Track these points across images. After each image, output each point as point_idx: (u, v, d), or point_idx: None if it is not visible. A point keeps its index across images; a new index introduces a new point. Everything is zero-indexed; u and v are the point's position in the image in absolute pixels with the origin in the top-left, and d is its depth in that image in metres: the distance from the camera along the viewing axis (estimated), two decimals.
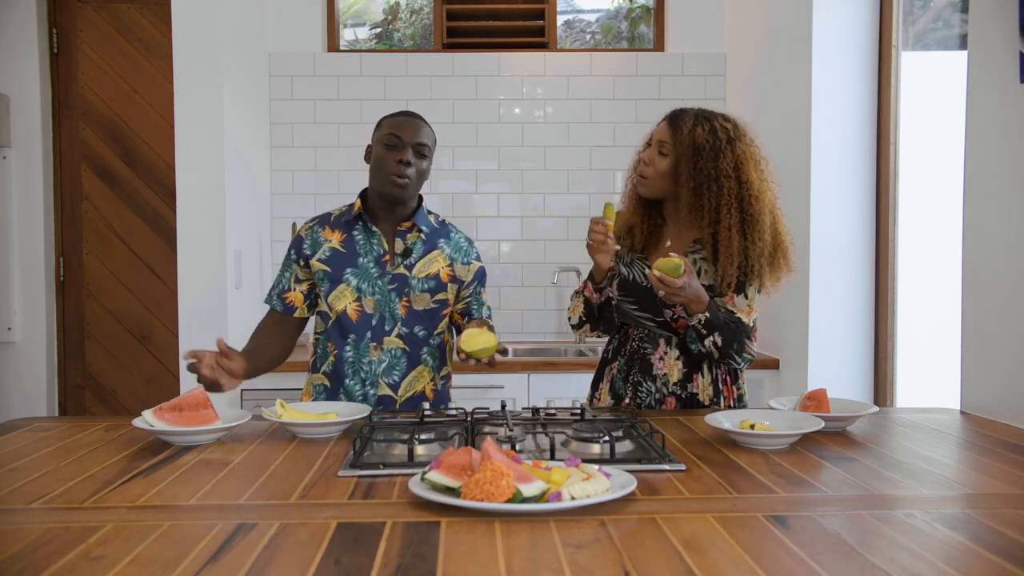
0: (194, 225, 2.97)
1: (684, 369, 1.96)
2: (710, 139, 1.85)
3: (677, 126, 1.88)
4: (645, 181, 1.93)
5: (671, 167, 1.89)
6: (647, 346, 1.98)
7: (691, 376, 1.96)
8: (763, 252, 1.86)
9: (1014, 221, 1.86)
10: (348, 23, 3.94)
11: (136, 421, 1.59)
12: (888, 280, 2.78)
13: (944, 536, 1.07)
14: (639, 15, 3.94)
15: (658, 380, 1.97)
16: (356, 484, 1.30)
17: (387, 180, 1.94)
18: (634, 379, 1.99)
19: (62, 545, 1.03)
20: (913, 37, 2.79)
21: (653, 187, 1.93)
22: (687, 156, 1.86)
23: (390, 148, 1.94)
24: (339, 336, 2.01)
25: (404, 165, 1.92)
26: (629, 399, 2.00)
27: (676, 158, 1.87)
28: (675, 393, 1.96)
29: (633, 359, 2.00)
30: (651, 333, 1.98)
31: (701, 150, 1.85)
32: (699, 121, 1.88)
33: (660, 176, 1.90)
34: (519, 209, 3.71)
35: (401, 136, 1.94)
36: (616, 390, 2.03)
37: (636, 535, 1.06)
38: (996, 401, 1.90)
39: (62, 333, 3.60)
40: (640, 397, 1.98)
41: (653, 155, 1.91)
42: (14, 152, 3.46)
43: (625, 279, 1.99)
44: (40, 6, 3.48)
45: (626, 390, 2.01)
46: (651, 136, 1.98)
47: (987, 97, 1.94)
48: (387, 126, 1.97)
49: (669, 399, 1.97)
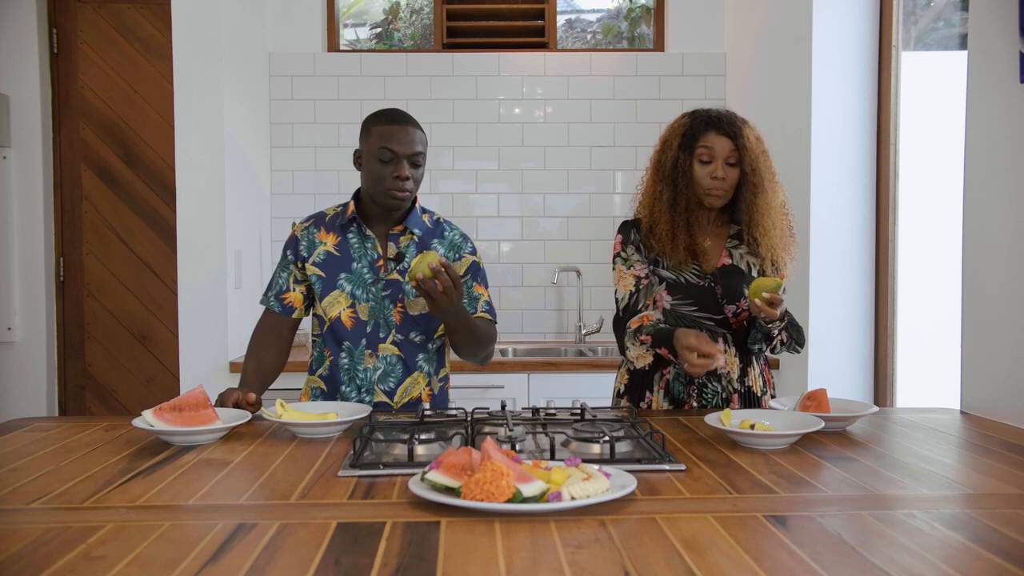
0: (194, 225, 2.97)
1: (740, 365, 1.99)
2: (760, 138, 1.95)
3: (738, 135, 1.91)
4: (724, 195, 1.94)
5: (740, 176, 1.93)
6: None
7: (745, 371, 1.99)
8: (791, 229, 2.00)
9: (1014, 221, 1.86)
10: (348, 23, 3.94)
11: (136, 421, 1.59)
12: (888, 280, 2.78)
13: (944, 536, 1.07)
14: (639, 15, 3.94)
15: (723, 379, 1.98)
16: (356, 484, 1.30)
17: (386, 194, 1.93)
18: (699, 382, 1.98)
19: (62, 545, 1.03)
20: (913, 37, 2.79)
21: (725, 198, 1.96)
22: (761, 160, 1.92)
23: (385, 163, 1.91)
24: (334, 343, 2.00)
25: (402, 180, 1.91)
26: (694, 403, 1.99)
27: (750, 166, 1.91)
28: (737, 390, 1.98)
29: None
30: (710, 333, 1.96)
31: (765, 151, 1.95)
32: (748, 126, 1.95)
33: (732, 187, 1.94)
34: (519, 209, 3.71)
35: (395, 150, 1.90)
36: (675, 395, 2.00)
37: (636, 535, 1.06)
38: (996, 401, 1.90)
39: (62, 333, 3.60)
40: (706, 398, 1.99)
41: (723, 169, 1.91)
42: (14, 152, 3.46)
43: (676, 282, 1.97)
44: (40, 6, 3.48)
45: (690, 392, 1.99)
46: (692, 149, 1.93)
47: (987, 97, 1.94)
48: (378, 137, 1.92)
49: (734, 396, 1.98)
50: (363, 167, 1.97)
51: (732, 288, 1.95)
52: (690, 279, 1.97)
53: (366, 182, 1.97)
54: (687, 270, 1.97)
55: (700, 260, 1.97)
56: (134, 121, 3.61)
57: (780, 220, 1.95)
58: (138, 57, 3.59)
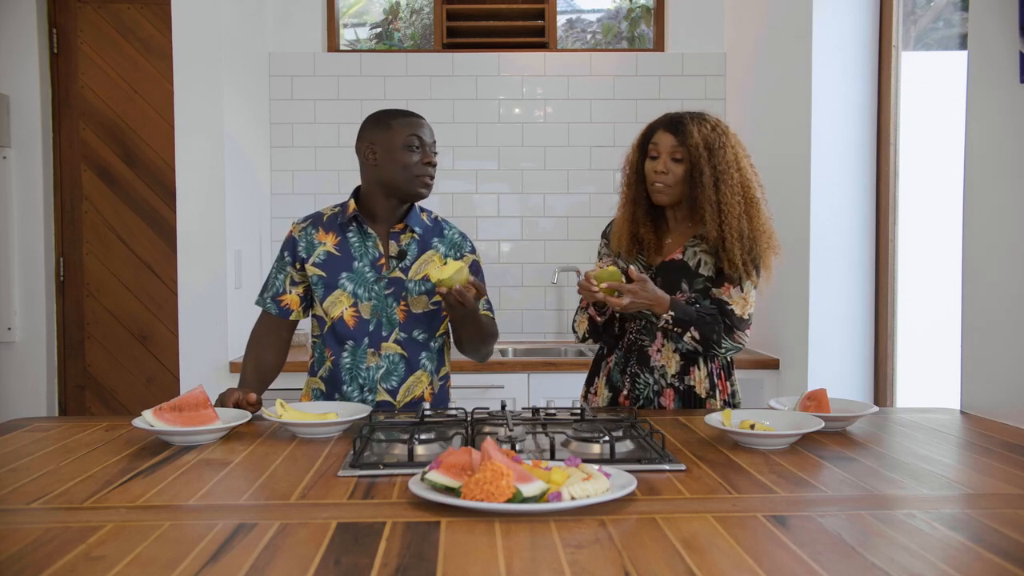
0: (194, 225, 2.97)
1: (681, 361, 1.99)
2: (713, 135, 1.93)
3: (682, 131, 1.94)
4: (665, 189, 1.96)
5: (687, 171, 1.94)
6: (644, 338, 2.01)
7: (688, 369, 2.00)
8: (765, 231, 1.95)
9: (1014, 221, 1.86)
10: (348, 23, 3.94)
11: (136, 421, 1.59)
12: (888, 280, 2.77)
13: (944, 536, 1.07)
14: (639, 15, 3.94)
15: (656, 372, 2.00)
16: (356, 484, 1.30)
17: (416, 181, 1.96)
18: (632, 371, 2.02)
19: (62, 545, 1.03)
20: (913, 37, 2.79)
21: (672, 194, 1.97)
22: (704, 157, 1.91)
23: (413, 149, 1.95)
24: (335, 343, 2.00)
25: (432, 166, 1.98)
26: (627, 391, 2.01)
27: (691, 161, 1.92)
28: (673, 385, 2.00)
29: (631, 351, 2.03)
30: (648, 325, 2.01)
31: (713, 147, 1.92)
32: (698, 122, 1.95)
33: (678, 182, 1.95)
34: (519, 209, 3.71)
35: (422, 137, 1.97)
36: (613, 382, 2.05)
37: (636, 535, 1.06)
38: (996, 401, 1.90)
39: (62, 333, 3.60)
40: (638, 389, 2.01)
41: (668, 164, 1.95)
42: (14, 152, 3.46)
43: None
44: (40, 6, 3.48)
45: (623, 382, 2.03)
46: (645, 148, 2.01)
47: (987, 97, 1.94)
48: (402, 127, 1.96)
49: (667, 391, 2.00)
50: (382, 160, 1.96)
51: (670, 282, 1.98)
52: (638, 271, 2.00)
53: (390, 173, 1.96)
54: (634, 262, 2.04)
55: (648, 253, 2.03)
56: (134, 121, 3.61)
57: (733, 219, 1.91)
58: (138, 57, 3.59)
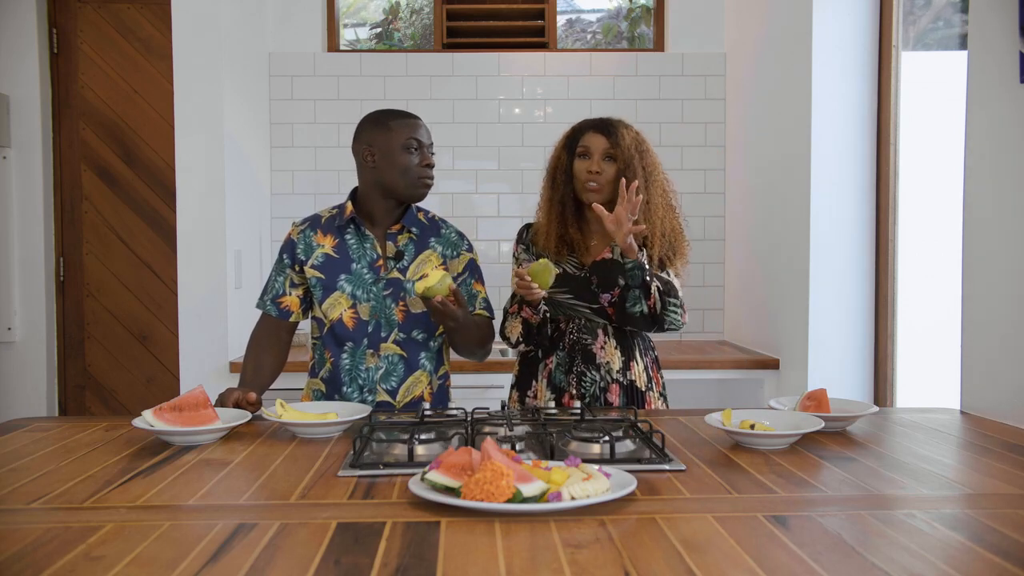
0: (194, 225, 2.97)
1: (622, 357, 2.06)
2: (640, 139, 2.06)
3: (613, 133, 2.04)
4: (598, 188, 2.03)
5: (619, 171, 2.01)
6: (586, 336, 2.07)
7: (628, 363, 2.07)
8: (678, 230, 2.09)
9: (1014, 221, 1.86)
10: (348, 23, 3.94)
11: (136, 421, 1.59)
12: (888, 280, 2.77)
13: (944, 536, 1.07)
14: (639, 15, 3.94)
15: (601, 368, 2.05)
16: (356, 484, 1.30)
17: (415, 183, 1.97)
18: (578, 370, 2.06)
19: (62, 545, 1.03)
20: (913, 37, 2.79)
21: (604, 193, 2.04)
22: (636, 157, 2.01)
23: (411, 151, 1.96)
24: (335, 344, 2.00)
25: (430, 168, 1.99)
26: (574, 391, 2.05)
27: (624, 161, 2.01)
28: (618, 380, 2.06)
29: (574, 350, 2.07)
30: (588, 323, 2.07)
31: (642, 150, 2.04)
32: (624, 126, 2.06)
33: (610, 181, 2.03)
34: (519, 209, 3.71)
35: (420, 139, 1.98)
36: (556, 384, 2.08)
37: (636, 535, 1.06)
38: (996, 401, 1.90)
39: (62, 333, 3.60)
40: (584, 387, 2.05)
41: (600, 164, 2.03)
42: (14, 152, 3.46)
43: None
44: (40, 6, 3.48)
45: (569, 382, 2.06)
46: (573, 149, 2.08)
47: (987, 97, 1.94)
48: (401, 129, 1.96)
49: (613, 386, 2.05)
50: (381, 162, 1.96)
51: (605, 278, 2.02)
52: (568, 270, 2.07)
53: (388, 175, 1.96)
54: (566, 262, 2.08)
55: (578, 253, 2.08)
56: (134, 121, 3.61)
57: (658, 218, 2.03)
58: (138, 57, 3.59)
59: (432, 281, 1.80)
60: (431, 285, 1.80)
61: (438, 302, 1.80)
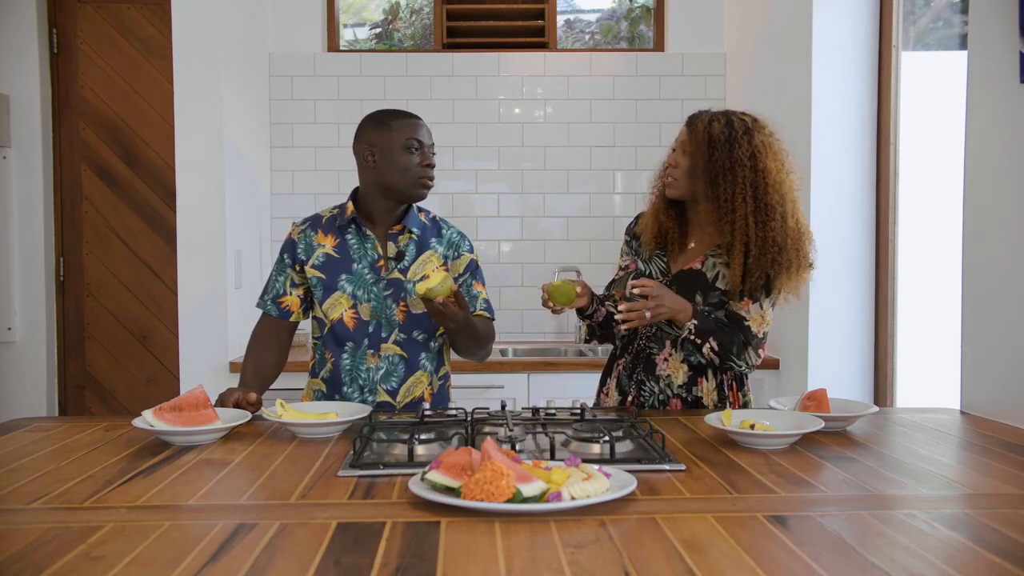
0: (194, 225, 2.97)
1: (689, 372, 1.95)
2: (725, 131, 1.86)
3: (693, 125, 1.91)
4: (671, 182, 1.94)
5: (691, 165, 1.90)
6: (653, 345, 1.98)
7: (696, 380, 1.96)
8: (777, 242, 1.84)
9: (1014, 221, 1.86)
10: (348, 23, 3.94)
11: (136, 421, 1.59)
12: (888, 280, 2.77)
13: (944, 536, 1.07)
14: (639, 15, 3.94)
15: (661, 381, 1.96)
16: (356, 484, 1.30)
17: (415, 183, 1.97)
18: (638, 378, 1.99)
19: (62, 545, 1.03)
20: (913, 37, 2.79)
21: (678, 187, 1.93)
22: (703, 150, 1.87)
23: (412, 151, 1.95)
24: (335, 344, 2.00)
25: (431, 168, 1.98)
26: (633, 397, 1.99)
27: (694, 154, 1.89)
28: (680, 396, 1.96)
29: (639, 357, 2.00)
30: (659, 332, 1.97)
31: (716, 142, 1.85)
32: (716, 117, 1.90)
33: (683, 175, 1.92)
34: (519, 209, 3.71)
35: (421, 139, 1.97)
36: (622, 386, 2.03)
37: (636, 535, 1.06)
38: (996, 401, 1.90)
39: (62, 333, 3.60)
40: (643, 396, 1.98)
41: (677, 156, 1.94)
42: (14, 152, 3.46)
43: (640, 274, 2.01)
44: (40, 6, 3.48)
45: (630, 387, 2.00)
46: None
47: (987, 97, 1.94)
48: (401, 129, 1.96)
49: (674, 401, 1.96)
50: (381, 162, 1.96)
51: (685, 291, 1.91)
52: (654, 274, 2.00)
53: (389, 175, 1.96)
54: (655, 265, 2.00)
55: (670, 251, 1.99)
56: (134, 121, 3.60)
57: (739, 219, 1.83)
58: (138, 57, 3.59)
59: (433, 282, 1.80)
60: (432, 286, 1.79)
61: (439, 303, 1.80)
